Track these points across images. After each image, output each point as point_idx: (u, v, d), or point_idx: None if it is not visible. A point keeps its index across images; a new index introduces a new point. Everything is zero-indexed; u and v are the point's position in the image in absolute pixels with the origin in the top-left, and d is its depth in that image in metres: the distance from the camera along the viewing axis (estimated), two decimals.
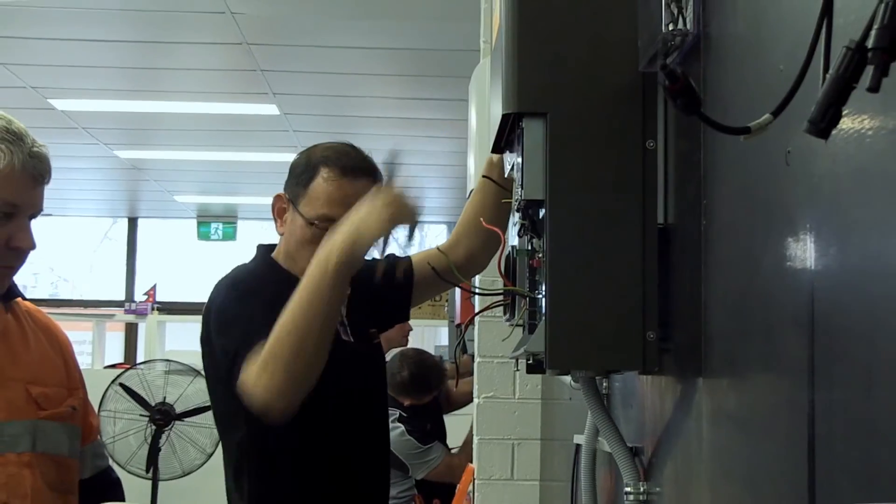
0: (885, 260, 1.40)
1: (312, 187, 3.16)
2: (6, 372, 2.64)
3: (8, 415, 2.60)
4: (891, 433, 1.38)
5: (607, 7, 2.31)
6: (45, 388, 2.71)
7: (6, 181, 2.52)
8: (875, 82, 1.21)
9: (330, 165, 3.18)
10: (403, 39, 7.28)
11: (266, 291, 3.13)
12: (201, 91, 8.77)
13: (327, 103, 9.04)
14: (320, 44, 7.45)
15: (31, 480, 2.65)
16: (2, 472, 2.57)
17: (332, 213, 3.09)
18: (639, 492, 2.54)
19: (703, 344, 2.13)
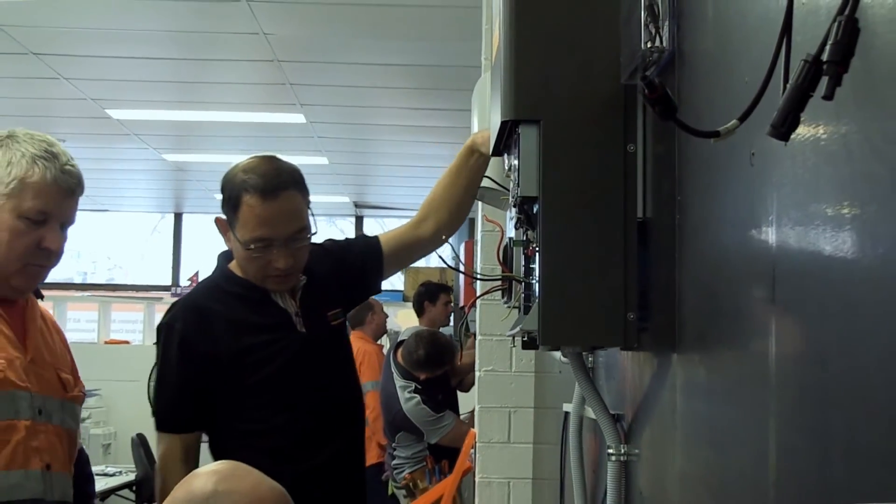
0: (838, 248, 1.39)
1: (241, 215, 3.07)
2: (44, 357, 2.70)
3: (45, 390, 2.64)
4: (843, 399, 1.38)
5: (593, 27, 2.30)
6: (66, 374, 2.78)
7: (39, 192, 2.58)
8: (829, 91, 1.21)
9: (250, 192, 3.04)
10: (414, 57, 7.27)
11: (215, 318, 3.15)
12: (237, 102, 8.77)
13: (347, 113, 9.04)
14: (341, 60, 7.45)
15: (60, 449, 2.67)
16: (45, 438, 2.60)
17: (264, 234, 3.05)
18: (620, 453, 2.54)
19: (677, 323, 2.13)
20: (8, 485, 2.47)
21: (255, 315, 3.14)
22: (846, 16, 1.20)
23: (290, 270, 3.10)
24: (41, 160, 2.59)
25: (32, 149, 2.60)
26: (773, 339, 1.61)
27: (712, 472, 1.95)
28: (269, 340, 3.12)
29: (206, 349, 3.09)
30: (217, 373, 3.08)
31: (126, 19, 6.67)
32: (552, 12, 2.32)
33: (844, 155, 1.38)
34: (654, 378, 2.34)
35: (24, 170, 2.58)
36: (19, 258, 2.60)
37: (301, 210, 3.12)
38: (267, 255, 3.06)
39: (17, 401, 2.53)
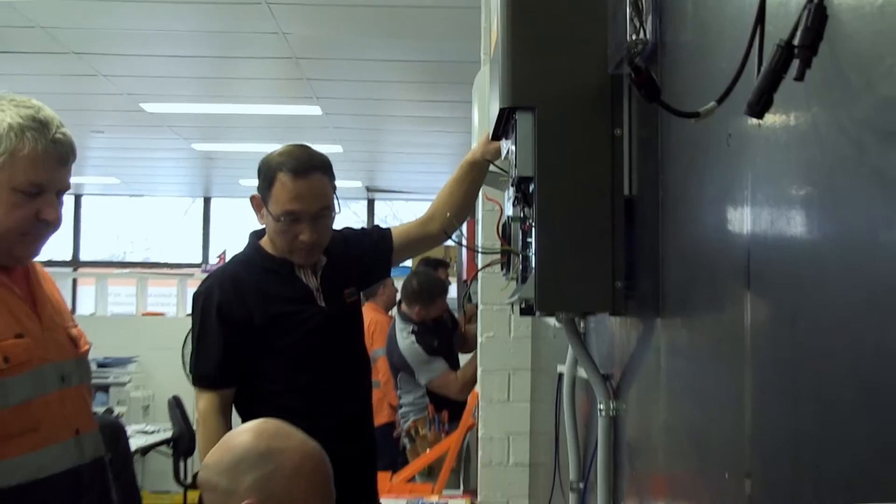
0: (807, 222, 1.39)
1: (274, 191, 3.15)
2: (54, 319, 2.60)
3: (62, 355, 2.56)
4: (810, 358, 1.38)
5: (583, 23, 2.30)
6: (73, 329, 2.67)
7: (31, 164, 2.42)
8: (800, 73, 1.21)
9: (284, 170, 3.15)
10: (420, 53, 7.26)
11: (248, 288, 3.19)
12: (259, 96, 8.77)
13: (360, 105, 9.03)
14: (354, 57, 7.44)
15: (84, 408, 2.64)
16: (71, 404, 2.54)
17: (294, 208, 3.12)
18: (609, 409, 2.54)
19: (661, 291, 2.13)
20: (48, 460, 2.43)
21: (283, 288, 3.20)
22: (815, 3, 1.20)
23: (315, 244, 3.16)
24: (30, 131, 2.41)
25: (20, 118, 2.41)
26: (748, 304, 1.61)
27: (693, 425, 1.95)
28: (294, 311, 3.17)
29: (240, 314, 3.15)
30: (249, 336, 3.13)
31: (158, 21, 6.67)
32: (545, 10, 2.32)
33: (814, 135, 1.37)
34: (639, 341, 2.34)
35: (13, 143, 2.39)
36: (18, 229, 2.44)
37: (327, 191, 3.20)
38: (295, 228, 3.12)
39: (43, 376, 2.46)
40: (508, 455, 4.76)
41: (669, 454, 2.12)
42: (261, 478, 2.00)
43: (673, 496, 2.13)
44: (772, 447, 1.53)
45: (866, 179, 1.22)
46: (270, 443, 2.04)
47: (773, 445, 1.52)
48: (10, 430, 2.36)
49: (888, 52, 1.16)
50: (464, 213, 3.49)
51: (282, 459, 2.03)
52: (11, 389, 2.37)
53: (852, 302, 1.26)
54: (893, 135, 1.16)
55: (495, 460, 4.77)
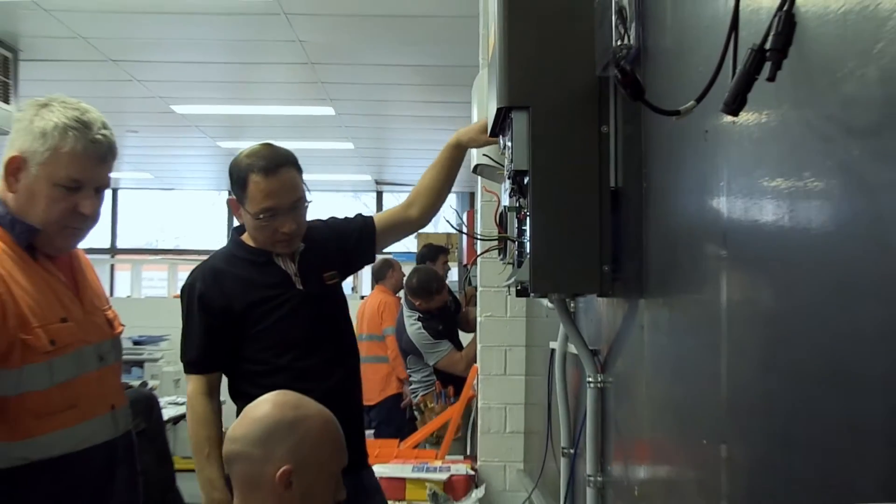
0: (778, 210, 1.39)
1: (249, 191, 3.05)
2: (94, 303, 2.59)
3: (101, 336, 2.55)
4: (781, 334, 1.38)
5: (572, 30, 2.29)
6: (110, 311, 2.67)
7: (71, 161, 2.40)
8: (772, 74, 1.21)
9: (255, 171, 3.04)
10: (424, 58, 7.25)
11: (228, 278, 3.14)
12: (278, 98, 8.75)
13: (369, 106, 9.01)
14: (364, 62, 7.43)
15: (118, 384, 2.64)
16: (108, 381, 2.54)
17: (270, 205, 3.04)
18: (597, 381, 2.54)
19: (644, 274, 2.12)
20: (87, 433, 2.42)
21: (261, 275, 3.13)
22: (785, 11, 1.20)
23: (294, 233, 3.10)
24: (73, 130, 2.39)
25: (65, 118, 2.39)
26: (724, 285, 1.61)
27: (674, 395, 1.95)
28: (272, 296, 3.10)
29: (220, 303, 3.09)
30: (230, 322, 3.07)
31: (187, 30, 6.65)
32: (538, 18, 2.31)
33: (783, 131, 1.37)
34: (625, 319, 2.33)
35: (56, 140, 2.37)
36: (58, 222, 2.42)
37: (297, 184, 3.11)
38: (274, 222, 3.05)
39: (84, 356, 2.46)
40: (505, 424, 4.76)
41: (652, 422, 2.12)
42: (293, 446, 2.01)
43: (655, 460, 2.13)
44: (745, 415, 1.53)
45: (831, 171, 1.22)
46: (295, 412, 2.05)
47: (746, 414, 1.52)
48: (54, 406, 2.36)
49: (850, 56, 1.15)
50: (442, 198, 3.40)
51: (308, 426, 2.04)
52: (57, 369, 2.37)
53: (819, 283, 1.26)
54: (856, 130, 1.16)
55: (493, 428, 4.78)
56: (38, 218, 2.41)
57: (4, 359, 2.28)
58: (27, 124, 2.41)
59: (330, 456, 2.08)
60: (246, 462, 2.01)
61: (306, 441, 2.03)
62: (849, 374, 1.16)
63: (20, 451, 2.30)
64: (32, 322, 2.34)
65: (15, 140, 2.43)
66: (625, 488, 2.35)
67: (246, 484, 2.02)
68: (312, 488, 2.03)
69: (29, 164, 2.40)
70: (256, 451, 2.00)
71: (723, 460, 1.60)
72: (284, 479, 1.98)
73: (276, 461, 1.99)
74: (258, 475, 2.00)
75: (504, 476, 4.76)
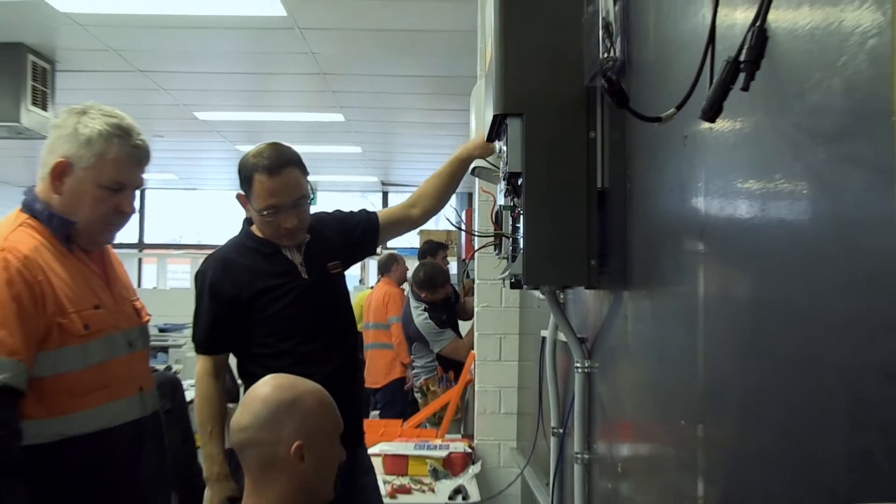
0: (751, 209, 1.39)
1: (254, 189, 3.05)
2: (122, 293, 2.60)
3: (129, 324, 2.55)
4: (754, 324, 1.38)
5: (562, 43, 2.28)
6: (138, 302, 2.67)
7: (115, 165, 2.44)
8: (746, 84, 1.21)
9: (259, 171, 3.04)
10: (426, 70, 7.24)
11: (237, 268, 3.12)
12: (292, 105, 8.74)
13: (376, 113, 9.01)
14: (371, 73, 7.42)
15: (147, 369, 2.64)
16: (137, 365, 2.54)
17: (273, 202, 3.03)
18: (584, 367, 2.54)
19: (628, 268, 2.12)
20: (118, 412, 2.43)
21: (268, 265, 3.11)
22: (758, 27, 1.20)
23: (297, 228, 3.08)
24: (116, 138, 2.43)
25: (107, 126, 2.43)
26: (701, 279, 1.61)
27: (655, 379, 1.95)
28: (278, 284, 3.09)
29: (229, 291, 3.07)
30: (238, 309, 3.06)
31: (208, 43, 6.65)
32: (531, 33, 2.31)
33: (756, 137, 1.37)
34: (610, 309, 2.33)
35: (101, 147, 2.41)
36: (101, 220, 2.46)
37: (300, 182, 3.09)
38: (277, 218, 3.04)
39: (115, 341, 2.46)
40: (500, 405, 4.76)
41: (635, 404, 2.12)
42: (298, 422, 2.01)
43: (637, 439, 2.13)
44: (720, 398, 1.53)
45: (800, 174, 1.22)
46: (293, 392, 2.05)
47: (721, 396, 1.53)
48: (87, 386, 2.36)
49: (817, 67, 1.15)
50: (444, 202, 3.40)
51: (307, 403, 2.04)
52: (90, 352, 2.38)
53: (788, 276, 1.26)
54: (822, 137, 1.16)
55: (489, 410, 4.78)
56: (84, 217, 2.44)
57: (43, 341, 2.29)
58: (71, 131, 2.43)
59: (331, 424, 2.08)
60: (258, 447, 2.01)
61: (309, 415, 2.03)
62: (815, 360, 1.16)
63: (56, 428, 2.31)
64: (68, 308, 2.35)
65: (59, 146, 2.44)
66: (609, 465, 2.35)
67: (260, 467, 2.02)
68: (322, 456, 2.03)
69: (74, 168, 2.42)
70: (266, 435, 2.00)
71: (699, 439, 1.60)
72: (298, 453, 1.99)
73: (286, 439, 1.99)
74: (272, 456, 2.00)
75: (498, 454, 4.76)
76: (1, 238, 2.35)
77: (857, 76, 1.06)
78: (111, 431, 2.40)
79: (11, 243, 2.34)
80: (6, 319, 2.24)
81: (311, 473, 2.01)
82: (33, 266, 2.32)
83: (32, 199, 2.47)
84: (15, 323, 2.24)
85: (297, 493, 2.01)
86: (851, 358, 1.07)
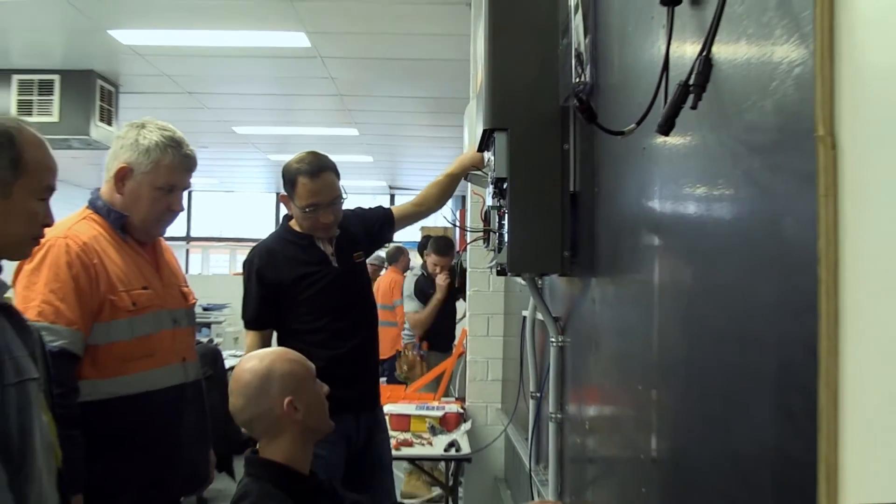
0: (698, 210, 1.39)
1: (297, 190, 3.02)
2: (170, 279, 2.59)
3: (176, 304, 2.55)
4: (698, 305, 1.37)
5: (541, 69, 2.28)
6: (185, 287, 2.66)
7: (169, 170, 2.46)
8: (694, 104, 1.21)
9: (302, 174, 3.02)
10: (427, 92, 7.23)
11: (279, 257, 3.09)
12: (314, 121, 8.71)
13: (385, 128, 8.99)
14: (381, 95, 7.42)
15: (191, 344, 2.63)
16: (181, 340, 2.53)
17: (314, 202, 3.01)
18: (558, 341, 2.54)
19: (595, 258, 2.12)
20: (160, 377, 2.43)
21: (304, 255, 3.09)
22: (704, 56, 1.19)
23: (332, 223, 3.07)
24: (170, 148, 2.46)
25: (163, 138, 2.46)
26: (656, 268, 1.61)
27: (617, 351, 1.95)
28: (314, 271, 3.07)
29: (273, 277, 3.06)
30: (280, 292, 3.05)
31: (245, 69, 6.64)
32: (514, 61, 2.30)
33: (703, 148, 1.37)
34: (580, 293, 2.33)
35: (158, 155, 2.44)
36: (155, 216, 2.49)
37: (335, 184, 3.08)
38: (317, 215, 3.03)
39: (160, 318, 2.46)
40: (487, 373, 4.77)
41: (600, 372, 2.12)
42: (279, 381, 1.98)
43: (602, 402, 2.13)
44: (670, 367, 1.53)
45: (738, 180, 1.22)
46: (264, 364, 2.00)
47: (671, 366, 1.53)
48: (134, 354, 2.37)
49: (752, 91, 1.16)
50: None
51: (279, 365, 2.01)
52: (137, 325, 2.38)
53: (728, 265, 1.26)
54: (757, 148, 1.16)
55: (478, 377, 4.78)
56: (141, 213, 2.47)
57: (97, 314, 2.32)
58: (132, 142, 2.46)
59: (304, 370, 2.04)
60: (260, 417, 1.98)
61: (286, 374, 2.00)
62: (748, 335, 1.17)
63: (108, 388, 2.32)
64: (119, 287, 2.37)
65: (121, 154, 2.47)
66: (578, 423, 2.36)
67: (268, 430, 1.99)
68: (310, 399, 2.01)
69: (134, 173, 2.45)
70: (261, 406, 1.97)
71: (653, 402, 1.60)
72: (291, 406, 1.97)
73: (277, 399, 1.96)
74: (273, 418, 1.97)
75: (486, 413, 4.76)
76: (66, 228, 2.38)
77: (785, 98, 1.06)
78: (155, 393, 2.40)
79: (74, 232, 2.37)
80: (66, 295, 2.27)
81: (308, 416, 1.99)
82: (90, 251, 2.35)
83: (96, 198, 2.50)
84: (73, 298, 2.27)
85: (304, 435, 2.01)
86: (778, 333, 1.07)
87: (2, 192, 1.73)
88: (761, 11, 1.13)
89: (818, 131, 0.95)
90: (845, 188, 0.93)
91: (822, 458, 0.93)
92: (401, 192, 14.28)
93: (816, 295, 0.95)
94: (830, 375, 0.93)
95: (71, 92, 6.67)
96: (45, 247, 2.28)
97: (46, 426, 1.80)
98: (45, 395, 1.83)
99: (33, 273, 2.28)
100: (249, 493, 1.94)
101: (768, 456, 1.10)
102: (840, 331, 0.93)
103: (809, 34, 0.98)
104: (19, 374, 1.69)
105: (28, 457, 1.68)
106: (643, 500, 1.65)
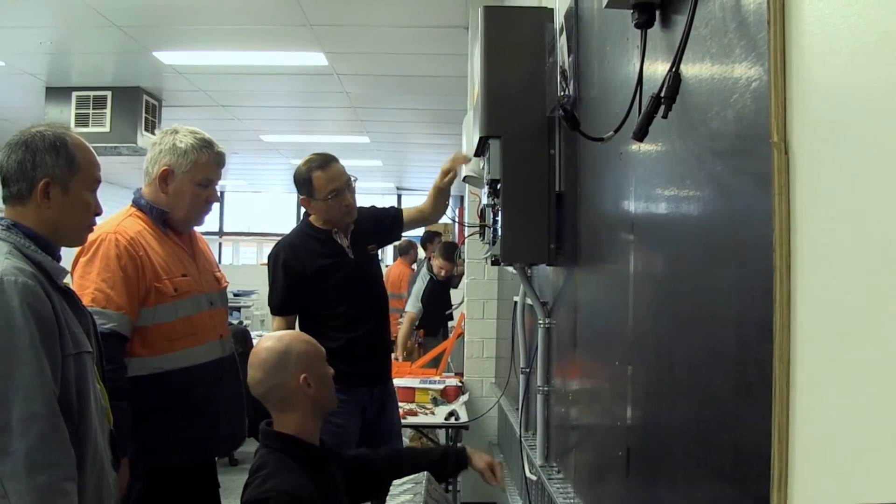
0: (668, 209, 1.39)
1: (315, 185, 3.00)
2: (205, 266, 2.59)
3: (211, 288, 2.54)
4: (668, 291, 1.37)
5: (530, 84, 2.28)
6: (218, 272, 2.66)
7: (206, 167, 2.47)
8: (665, 114, 1.21)
9: (315, 169, 3.01)
10: (429, 104, 7.23)
11: (302, 250, 3.07)
12: (330, 130, 8.70)
13: (393, 136, 8.99)
14: (390, 107, 7.42)
15: (225, 322, 2.62)
16: (218, 319, 2.53)
17: (333, 187, 2.99)
18: (545, 323, 2.54)
19: (578, 250, 2.12)
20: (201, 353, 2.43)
21: (324, 248, 3.08)
22: (673, 72, 1.19)
23: (353, 204, 3.06)
24: (204, 148, 2.47)
25: (196, 140, 2.47)
26: (631, 259, 1.61)
27: (597, 332, 1.96)
28: (333, 262, 3.06)
29: (296, 268, 3.05)
30: (303, 281, 3.04)
31: (271, 85, 6.64)
32: (506, 76, 2.30)
33: (672, 153, 1.37)
34: (564, 280, 2.34)
35: (196, 155, 2.45)
36: (196, 209, 2.50)
37: (345, 170, 3.08)
38: (339, 199, 3.01)
39: (199, 300, 2.46)
40: (483, 351, 4.77)
41: (581, 350, 2.13)
42: (296, 359, 1.98)
43: (583, 376, 2.13)
44: (643, 345, 1.53)
45: (703, 181, 1.22)
46: (283, 343, 2.00)
47: (644, 344, 1.53)
48: (178, 333, 2.38)
49: (715, 103, 1.16)
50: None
51: (296, 346, 2.01)
52: (179, 308, 2.39)
53: (693, 255, 1.26)
54: (720, 153, 1.16)
55: (475, 355, 4.78)
56: (185, 208, 2.48)
57: (144, 300, 2.33)
58: (171, 146, 2.47)
59: (317, 352, 2.04)
60: (276, 389, 1.98)
61: (302, 354, 2.00)
62: (711, 316, 1.17)
63: (157, 363, 2.33)
64: (162, 275, 2.37)
65: (161, 158, 2.47)
66: (562, 395, 2.36)
67: (280, 402, 1.99)
68: (321, 378, 2.01)
69: (175, 173, 2.46)
70: (279, 379, 1.97)
71: (628, 376, 1.61)
72: (305, 383, 1.97)
73: (293, 375, 1.96)
74: (287, 391, 1.97)
75: (482, 387, 4.77)
76: (115, 224, 2.39)
77: (744, 109, 1.06)
78: (197, 367, 2.41)
79: (122, 228, 2.38)
80: (116, 283, 2.28)
81: (318, 393, 1.99)
82: (136, 244, 2.35)
83: (139, 197, 2.51)
84: (122, 286, 2.28)
85: (314, 409, 2.01)
86: (737, 314, 1.07)
87: (62, 189, 1.80)
88: (723, 34, 1.13)
89: (773, 138, 0.96)
90: (797, 187, 0.94)
91: (776, 423, 0.94)
92: (407, 193, 14.27)
93: (771, 280, 0.95)
94: (783, 350, 0.94)
95: (121, 106, 6.73)
96: (97, 241, 2.30)
97: (100, 394, 1.83)
98: (97, 369, 1.85)
99: (87, 264, 2.30)
100: (267, 463, 1.94)
101: (729, 421, 1.10)
102: (792, 311, 0.93)
103: (764, 54, 0.99)
104: (77, 346, 1.73)
105: (85, 418, 1.72)
106: (619, 462, 1.66)
